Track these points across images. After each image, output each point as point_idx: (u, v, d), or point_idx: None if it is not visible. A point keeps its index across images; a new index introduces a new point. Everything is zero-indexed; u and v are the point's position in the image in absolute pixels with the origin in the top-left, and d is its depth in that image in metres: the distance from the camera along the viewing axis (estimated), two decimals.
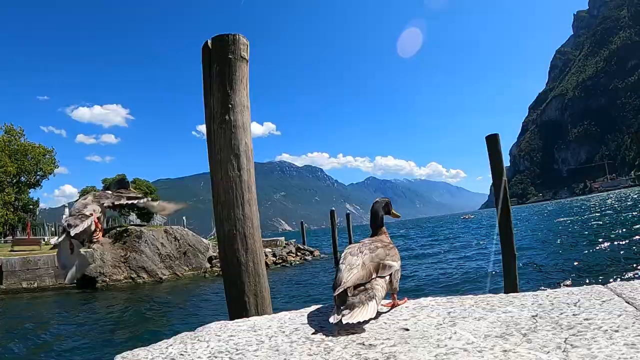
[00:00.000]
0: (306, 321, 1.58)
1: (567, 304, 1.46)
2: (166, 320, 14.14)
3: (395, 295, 1.70)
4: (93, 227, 2.28)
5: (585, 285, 1.72)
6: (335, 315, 1.42)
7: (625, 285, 1.66)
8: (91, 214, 2.30)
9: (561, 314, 1.36)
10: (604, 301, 1.46)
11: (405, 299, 1.78)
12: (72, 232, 2.15)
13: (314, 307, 1.82)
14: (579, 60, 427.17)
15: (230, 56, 3.17)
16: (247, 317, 3.04)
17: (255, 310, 3.02)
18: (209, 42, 3.26)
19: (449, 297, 1.75)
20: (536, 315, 1.35)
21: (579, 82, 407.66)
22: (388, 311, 1.67)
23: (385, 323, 1.47)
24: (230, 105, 3.10)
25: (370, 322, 1.47)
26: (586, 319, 1.29)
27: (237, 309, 3.04)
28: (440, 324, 1.38)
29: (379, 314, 1.57)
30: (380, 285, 1.55)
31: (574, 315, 1.34)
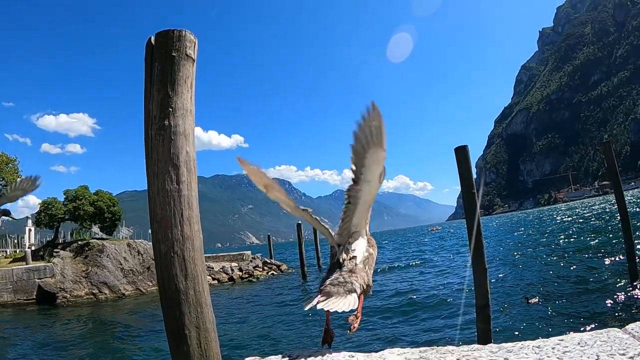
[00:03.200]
0: None
1: None
2: (119, 343, 13.39)
3: (362, 300, 1.55)
4: None
5: (596, 330, 1.31)
6: (311, 302, 1.42)
7: None
8: None
9: None
10: (631, 358, 1.06)
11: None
12: None
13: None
14: (543, 75, 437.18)
15: (174, 54, 2.81)
16: (189, 353, 2.65)
17: (197, 344, 2.64)
18: (152, 38, 2.88)
19: (421, 349, 1.33)
20: None
21: (543, 96, 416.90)
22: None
23: None
24: (171, 109, 2.72)
25: None
26: None
27: (178, 343, 2.65)
28: None
29: None
30: (358, 281, 1.53)
31: None
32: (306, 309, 1.42)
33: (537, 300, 12.24)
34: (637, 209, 44.56)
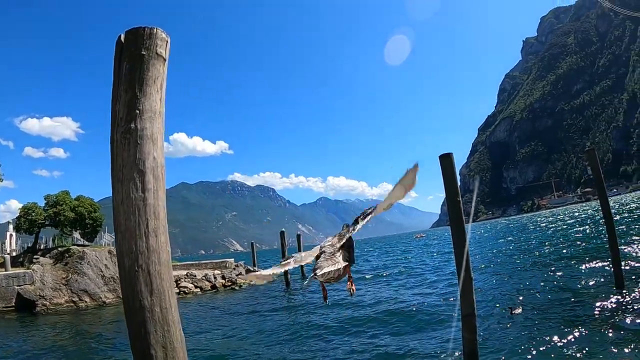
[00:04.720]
0: None
1: None
2: (93, 355, 12.92)
3: (349, 268, 2.05)
4: None
5: None
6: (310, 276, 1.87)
7: None
8: None
9: None
10: None
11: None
12: None
13: None
14: (527, 84, 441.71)
15: (144, 52, 2.61)
16: None
17: None
18: (122, 35, 2.68)
19: None
20: None
21: (526, 104, 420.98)
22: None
23: None
24: (138, 111, 2.52)
25: None
26: None
27: None
28: None
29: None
30: (341, 255, 2.02)
31: None
32: (305, 283, 2.43)
33: (521, 310, 12.14)
34: (620, 216, 44.96)
